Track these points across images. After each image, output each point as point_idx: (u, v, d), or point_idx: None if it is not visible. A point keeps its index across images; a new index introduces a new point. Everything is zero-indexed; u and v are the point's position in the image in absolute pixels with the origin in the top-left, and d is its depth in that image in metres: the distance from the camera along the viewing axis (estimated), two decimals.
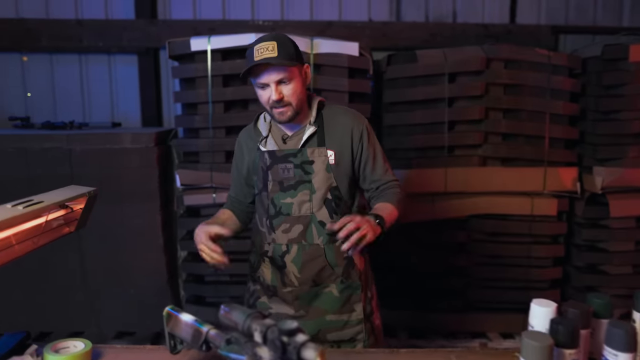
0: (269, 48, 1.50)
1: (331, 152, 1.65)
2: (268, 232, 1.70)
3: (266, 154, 1.67)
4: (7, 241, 1.22)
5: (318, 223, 1.65)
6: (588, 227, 3.17)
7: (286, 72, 1.54)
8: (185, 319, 1.12)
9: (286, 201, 1.65)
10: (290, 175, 1.64)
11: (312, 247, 1.66)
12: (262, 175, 1.69)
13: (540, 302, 1.23)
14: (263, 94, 1.58)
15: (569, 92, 3.12)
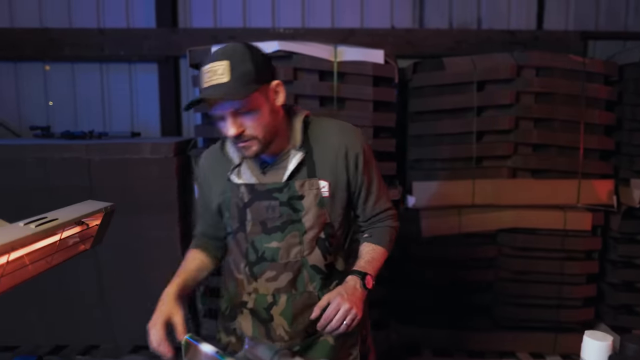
0: (219, 71, 1.18)
1: (324, 182, 1.35)
2: (247, 280, 1.43)
3: (242, 188, 1.36)
4: (20, 261, 1.16)
5: (310, 268, 1.39)
6: (624, 243, 3.03)
7: (243, 100, 1.21)
8: (205, 349, 1.04)
9: (271, 245, 1.37)
10: (276, 214, 1.34)
11: (303, 295, 1.40)
12: (237, 214, 1.38)
13: (594, 334, 1.11)
14: (222, 126, 1.27)
15: (605, 100, 2.99)
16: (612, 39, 4.07)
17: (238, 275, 1.44)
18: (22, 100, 4.20)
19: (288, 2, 4.05)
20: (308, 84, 2.85)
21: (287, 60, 2.84)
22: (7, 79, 4.19)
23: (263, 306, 1.41)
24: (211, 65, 1.19)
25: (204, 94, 1.18)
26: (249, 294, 1.43)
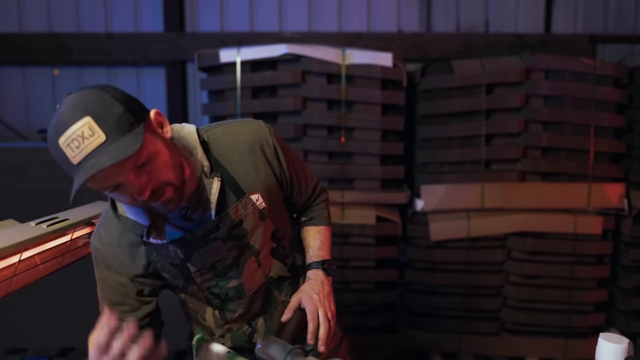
0: (85, 134, 0.91)
1: (256, 195, 1.20)
2: (218, 324, 1.32)
3: (170, 247, 1.15)
4: (31, 261, 1.15)
5: (276, 281, 1.32)
6: (636, 247, 2.98)
7: (137, 153, 0.95)
8: (217, 349, 1.03)
9: (231, 285, 1.24)
10: (223, 254, 1.19)
11: (278, 307, 1.34)
12: (177, 272, 1.20)
13: (609, 337, 1.09)
14: (121, 198, 1.02)
15: (616, 103, 2.96)
16: (621, 42, 4.05)
17: (204, 322, 1.33)
18: (30, 104, 4.23)
19: (295, 6, 4.06)
20: (316, 87, 2.84)
21: (295, 63, 2.84)
22: (15, 83, 4.23)
23: (243, 339, 1.34)
24: (70, 133, 0.91)
25: (87, 171, 0.89)
26: (221, 336, 1.33)
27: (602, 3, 4.08)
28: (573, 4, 4.08)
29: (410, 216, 3.02)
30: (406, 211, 3.04)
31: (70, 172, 0.94)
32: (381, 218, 2.89)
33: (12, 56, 4.09)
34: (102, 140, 0.90)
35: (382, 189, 2.93)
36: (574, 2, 4.08)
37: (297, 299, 1.27)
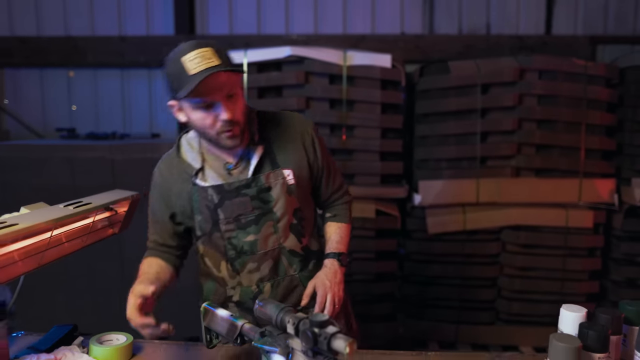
0: (207, 56, 1.20)
1: (288, 171, 1.41)
2: (230, 276, 1.47)
3: (210, 190, 1.38)
4: (58, 239, 1.31)
5: (288, 253, 1.46)
6: (627, 241, 3.09)
7: (233, 81, 1.26)
8: (221, 314, 1.18)
9: (248, 239, 1.41)
10: (248, 209, 1.39)
11: (286, 279, 1.48)
12: (209, 215, 1.40)
13: (570, 307, 1.23)
14: (205, 117, 1.26)
15: (606, 102, 3.07)
16: (620, 44, 4.09)
17: (218, 274, 1.48)
18: (47, 104, 4.38)
19: (301, 9, 4.17)
20: (319, 87, 2.99)
21: (298, 64, 2.99)
22: (33, 84, 4.37)
23: (249, 297, 1.47)
24: (196, 52, 1.19)
25: (202, 75, 1.17)
26: (232, 288, 1.48)
27: (602, 5, 4.13)
28: (573, 5, 4.14)
29: (408, 210, 3.16)
30: (405, 205, 3.17)
31: (180, 83, 1.21)
32: (381, 212, 3.02)
33: (31, 58, 4.24)
34: (217, 63, 1.19)
35: (381, 184, 3.07)
36: (574, 3, 4.14)
37: (313, 285, 1.41)
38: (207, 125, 1.28)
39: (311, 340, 0.89)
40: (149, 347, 1.40)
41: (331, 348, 0.87)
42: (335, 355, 0.88)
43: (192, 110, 1.28)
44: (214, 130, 1.29)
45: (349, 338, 0.86)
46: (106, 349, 1.28)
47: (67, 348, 1.27)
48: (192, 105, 1.26)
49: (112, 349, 1.28)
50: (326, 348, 0.87)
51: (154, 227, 1.52)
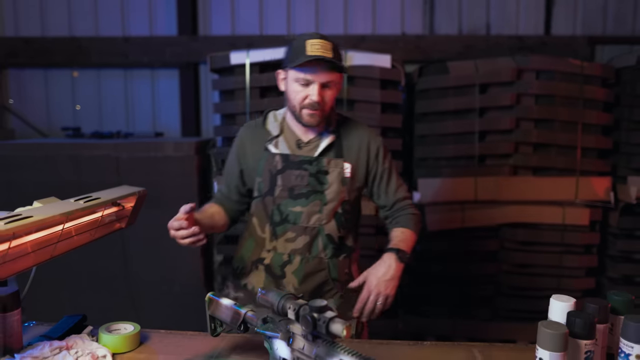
0: (325, 48, 1.46)
1: (348, 164, 1.59)
2: (269, 239, 1.62)
3: (277, 157, 1.58)
4: (68, 232, 1.36)
5: (325, 236, 1.59)
6: (623, 238, 3.14)
7: (333, 76, 1.50)
8: (225, 302, 1.23)
9: (295, 209, 1.57)
10: (304, 183, 1.56)
11: (315, 259, 1.60)
12: (268, 179, 1.59)
13: (560, 297, 1.28)
14: (300, 91, 1.51)
15: (603, 102, 3.12)
16: (619, 44, 4.13)
17: (261, 234, 1.64)
18: (51, 104, 4.44)
19: (302, 10, 4.23)
20: None
21: None
22: (37, 84, 4.43)
23: (278, 263, 1.61)
24: (319, 40, 1.47)
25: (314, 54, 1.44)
26: (267, 251, 1.62)
27: (601, 5, 4.18)
28: (572, 6, 4.19)
29: None
30: None
31: (297, 57, 1.47)
32: None
33: (35, 59, 4.30)
34: (332, 56, 1.46)
35: None
36: (573, 4, 4.18)
37: (365, 275, 1.51)
38: (298, 99, 1.51)
39: (310, 325, 0.94)
40: (155, 336, 1.46)
41: (329, 331, 0.92)
42: (333, 338, 0.94)
43: (292, 82, 1.52)
44: (301, 105, 1.52)
45: (346, 322, 0.91)
46: (115, 337, 1.33)
47: (77, 336, 1.33)
48: (295, 78, 1.50)
49: (120, 337, 1.34)
50: (325, 331, 0.93)
51: (225, 180, 1.74)
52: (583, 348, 1.14)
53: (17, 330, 1.26)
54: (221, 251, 3.31)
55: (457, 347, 1.43)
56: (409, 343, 1.44)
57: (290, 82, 1.53)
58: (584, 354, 1.14)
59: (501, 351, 1.42)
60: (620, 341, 1.16)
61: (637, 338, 1.14)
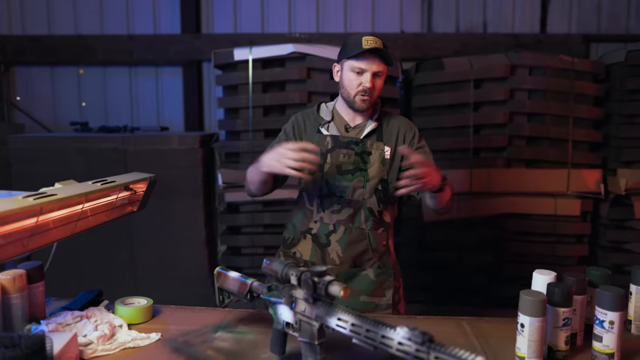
0: (377, 43, 1.67)
1: (387, 147, 1.78)
2: (317, 210, 1.79)
3: (328, 138, 1.78)
4: (86, 212, 1.47)
5: (367, 209, 1.76)
6: (613, 229, 3.25)
7: (384, 68, 1.71)
8: (232, 275, 1.33)
9: (342, 184, 1.76)
10: (350, 160, 1.75)
11: (357, 230, 1.77)
12: (319, 156, 1.73)
13: (541, 271, 1.39)
14: (355, 79, 1.70)
15: (593, 96, 3.23)
16: (613, 42, 4.21)
17: (310, 207, 1.82)
18: (57, 101, 4.53)
19: (303, 9, 4.32)
20: (320, 82, 3.15)
21: (301, 61, 3.15)
22: (44, 81, 4.53)
23: (324, 232, 1.78)
24: (374, 39, 1.67)
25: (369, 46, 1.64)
26: (315, 222, 1.80)
27: (596, 4, 4.27)
28: (567, 5, 4.27)
29: (404, 199, 3.30)
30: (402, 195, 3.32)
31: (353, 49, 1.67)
32: None
33: (42, 57, 4.40)
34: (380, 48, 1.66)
35: None
36: (568, 3, 4.27)
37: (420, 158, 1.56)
38: (352, 85, 1.71)
39: (311, 287, 1.05)
40: (166, 310, 1.57)
41: (328, 293, 1.03)
42: (332, 299, 1.04)
43: (348, 71, 1.72)
44: (355, 91, 1.71)
45: (343, 284, 1.02)
46: (130, 308, 1.44)
47: (95, 308, 1.44)
48: (350, 68, 1.70)
49: (135, 309, 1.45)
50: (324, 293, 1.03)
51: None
52: (561, 315, 1.25)
53: (41, 301, 1.37)
54: (224, 241, 3.42)
55: (448, 320, 1.54)
56: (403, 317, 1.54)
57: (346, 72, 1.73)
58: (562, 321, 1.24)
59: (488, 323, 1.53)
60: (596, 309, 1.27)
61: (610, 306, 1.24)
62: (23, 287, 1.28)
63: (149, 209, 1.94)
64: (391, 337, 0.91)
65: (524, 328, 1.21)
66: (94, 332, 1.28)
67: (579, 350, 1.32)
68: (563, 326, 1.25)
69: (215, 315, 1.53)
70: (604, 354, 1.24)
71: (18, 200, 1.15)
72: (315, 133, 1.81)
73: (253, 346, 1.32)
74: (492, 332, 1.45)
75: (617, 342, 1.23)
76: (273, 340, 1.23)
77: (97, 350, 1.25)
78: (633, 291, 1.46)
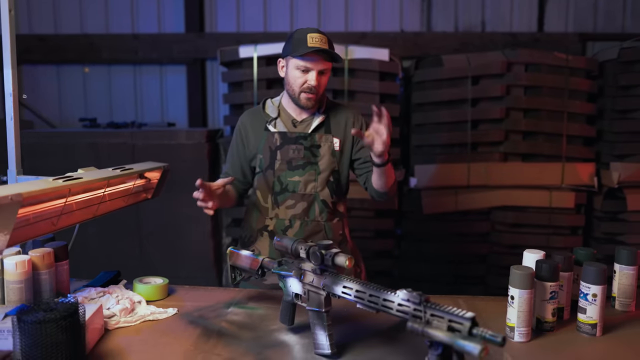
0: (323, 41, 1.68)
1: (336, 139, 1.82)
2: (271, 207, 1.82)
3: (276, 135, 1.79)
4: (106, 196, 1.57)
5: (320, 202, 1.81)
6: (607, 221, 3.34)
7: (328, 65, 1.73)
8: (244, 253, 1.44)
9: (293, 179, 1.79)
10: (300, 155, 1.78)
11: (313, 223, 1.82)
12: (269, 155, 1.80)
13: (532, 251, 1.49)
14: (300, 77, 1.72)
15: (587, 92, 3.33)
16: (609, 40, 4.26)
17: (264, 204, 1.85)
18: (63, 99, 4.62)
19: (305, 8, 4.42)
20: None
21: None
22: (50, 80, 4.62)
23: (281, 228, 1.82)
24: (315, 35, 1.69)
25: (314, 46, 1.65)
26: (270, 218, 1.83)
27: (592, 3, 4.36)
28: (564, 4, 4.36)
29: (405, 192, 3.41)
30: (402, 188, 3.43)
31: (298, 47, 1.67)
32: None
33: (48, 55, 4.49)
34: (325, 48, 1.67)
35: None
36: (565, 2, 4.36)
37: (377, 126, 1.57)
38: (297, 83, 1.73)
39: (319, 259, 1.15)
40: (180, 289, 1.67)
41: (335, 263, 1.13)
42: (337, 269, 1.15)
43: (293, 69, 1.73)
44: (299, 89, 1.73)
45: (348, 255, 1.12)
46: (148, 286, 1.55)
47: (115, 286, 1.54)
48: (295, 66, 1.71)
49: (152, 286, 1.55)
50: (331, 264, 1.14)
51: (229, 162, 1.94)
52: (548, 289, 1.35)
53: (66, 278, 1.48)
54: (229, 233, 3.53)
55: (444, 298, 1.64)
56: None
57: (291, 69, 1.74)
58: (549, 294, 1.35)
59: (482, 301, 1.63)
60: (581, 284, 1.37)
61: (593, 280, 1.35)
62: (51, 264, 1.38)
63: (157, 201, 2.04)
64: (391, 299, 1.01)
65: (514, 300, 1.31)
66: (116, 306, 1.39)
67: (566, 322, 1.42)
68: (550, 299, 1.35)
69: (227, 294, 1.63)
70: (588, 324, 1.34)
71: (49, 181, 1.25)
72: (263, 131, 1.82)
73: (263, 319, 1.42)
74: (485, 308, 1.55)
75: (599, 313, 1.33)
76: (283, 311, 1.33)
77: (119, 321, 1.35)
78: (617, 270, 1.56)
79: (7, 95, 1.51)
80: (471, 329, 0.86)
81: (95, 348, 1.22)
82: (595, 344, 1.31)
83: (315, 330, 1.19)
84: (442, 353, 0.91)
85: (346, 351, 1.22)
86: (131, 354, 1.20)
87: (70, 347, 1.04)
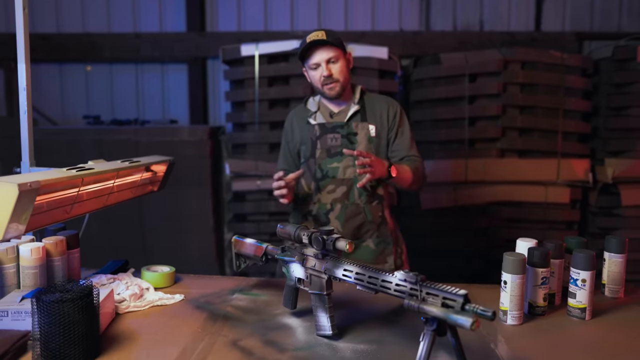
0: (319, 35, 1.80)
1: (372, 126, 1.93)
2: (314, 193, 1.96)
3: (316, 126, 1.95)
4: (116, 187, 1.63)
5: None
6: (602, 216, 3.41)
7: (333, 52, 1.82)
8: (248, 241, 1.50)
9: (333, 166, 1.92)
10: (338, 143, 1.91)
11: (353, 205, 1.93)
12: (310, 145, 1.96)
13: (525, 240, 1.55)
14: (315, 74, 1.87)
15: (582, 90, 3.39)
16: (606, 39, 4.28)
17: (307, 191, 1.99)
18: (65, 97, 4.66)
19: (305, 8, 4.46)
20: None
21: None
22: (52, 78, 4.66)
23: (323, 211, 1.94)
24: (314, 32, 1.82)
25: (313, 41, 1.78)
26: (314, 203, 1.97)
27: (589, 2, 4.41)
28: (561, 3, 4.41)
29: None
30: None
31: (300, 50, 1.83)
32: None
33: (51, 54, 4.53)
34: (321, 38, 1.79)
35: None
36: (562, 1, 4.41)
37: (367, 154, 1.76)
38: (316, 80, 1.88)
39: (321, 244, 1.21)
40: (186, 278, 1.73)
41: (336, 247, 1.19)
42: (339, 254, 1.21)
43: (309, 71, 1.89)
44: (320, 84, 1.87)
45: (348, 239, 1.18)
46: (155, 274, 1.61)
47: (124, 274, 1.60)
48: (308, 67, 1.88)
49: (160, 274, 1.61)
50: (332, 248, 1.20)
51: (282, 157, 2.11)
52: (540, 274, 1.41)
53: (77, 265, 1.53)
54: (231, 229, 3.58)
55: None
56: None
57: (309, 71, 1.90)
58: (540, 279, 1.41)
59: (478, 289, 1.69)
60: (571, 270, 1.43)
61: (582, 266, 1.41)
62: (63, 251, 1.44)
63: (159, 196, 2.09)
64: (389, 280, 1.07)
65: (507, 285, 1.37)
66: (126, 291, 1.45)
67: (557, 308, 1.48)
68: (541, 284, 1.41)
69: (231, 282, 1.69)
70: (577, 308, 1.40)
71: (63, 171, 1.31)
72: (305, 125, 1.98)
73: (267, 304, 1.48)
74: (480, 295, 1.61)
75: (588, 298, 1.40)
76: (286, 296, 1.39)
77: (129, 306, 1.41)
78: (607, 257, 1.62)
79: (21, 90, 1.57)
80: (464, 305, 0.92)
81: (107, 330, 1.28)
82: (585, 327, 1.37)
83: (317, 313, 1.25)
84: (436, 328, 0.97)
85: (347, 333, 1.28)
86: (142, 335, 1.26)
87: (85, 325, 1.10)
